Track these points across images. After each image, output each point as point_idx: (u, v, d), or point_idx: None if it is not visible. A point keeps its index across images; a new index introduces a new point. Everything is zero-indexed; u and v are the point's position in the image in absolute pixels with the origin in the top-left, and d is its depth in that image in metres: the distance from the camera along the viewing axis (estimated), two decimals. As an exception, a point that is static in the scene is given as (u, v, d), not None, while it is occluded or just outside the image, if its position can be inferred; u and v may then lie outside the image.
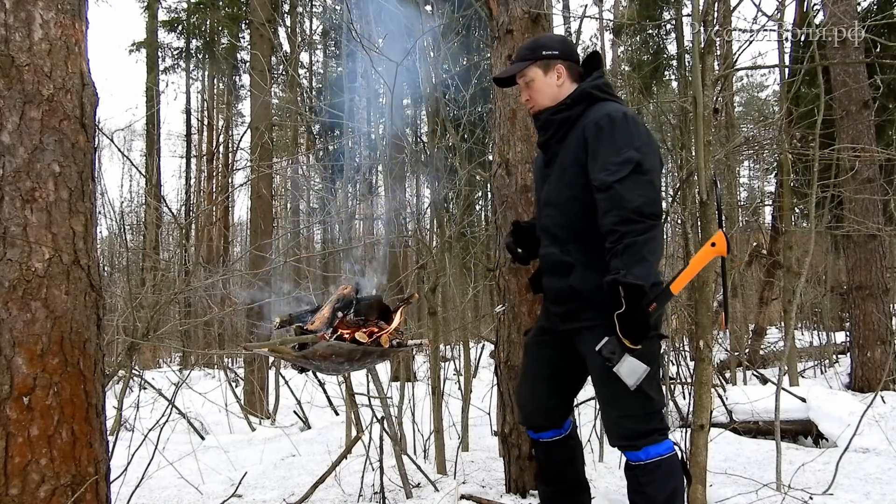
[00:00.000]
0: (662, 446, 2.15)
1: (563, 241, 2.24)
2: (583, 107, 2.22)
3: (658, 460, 2.14)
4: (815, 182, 3.90)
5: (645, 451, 2.14)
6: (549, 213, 2.30)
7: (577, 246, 2.22)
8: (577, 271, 2.19)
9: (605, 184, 2.04)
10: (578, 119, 2.21)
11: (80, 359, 2.03)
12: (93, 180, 2.16)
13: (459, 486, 3.35)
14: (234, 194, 18.47)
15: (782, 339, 8.95)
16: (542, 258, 2.36)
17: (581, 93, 2.23)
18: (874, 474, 3.54)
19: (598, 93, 2.22)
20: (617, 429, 2.19)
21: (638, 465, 2.15)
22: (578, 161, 2.16)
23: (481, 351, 9.78)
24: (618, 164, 2.04)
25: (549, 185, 2.30)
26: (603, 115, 2.13)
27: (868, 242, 6.53)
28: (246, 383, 7.73)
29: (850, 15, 6.46)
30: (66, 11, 2.08)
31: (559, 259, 2.25)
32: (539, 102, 2.31)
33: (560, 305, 2.28)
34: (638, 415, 2.14)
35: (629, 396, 2.10)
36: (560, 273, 2.24)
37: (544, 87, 2.29)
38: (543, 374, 2.43)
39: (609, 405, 2.21)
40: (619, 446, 2.22)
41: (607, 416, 2.23)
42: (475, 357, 9.12)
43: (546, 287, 2.36)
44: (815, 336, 9.81)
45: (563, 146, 2.25)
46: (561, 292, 2.26)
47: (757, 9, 3.53)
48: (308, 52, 17.24)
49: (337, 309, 2.36)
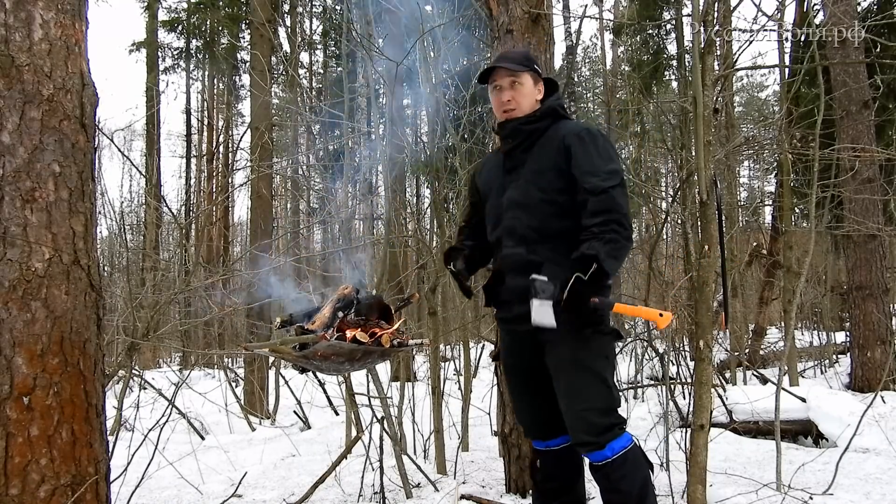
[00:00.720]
0: (624, 439, 2.23)
1: (531, 241, 2.31)
2: (549, 121, 2.39)
3: (623, 453, 2.20)
4: (815, 182, 3.89)
5: (609, 447, 2.19)
6: (515, 214, 2.35)
7: (545, 246, 2.29)
8: (545, 269, 2.23)
9: (598, 188, 2.17)
10: (545, 131, 2.38)
11: (80, 359, 2.03)
12: (93, 180, 2.16)
13: (459, 486, 3.35)
14: (234, 194, 18.48)
15: (782, 339, 8.95)
16: (506, 259, 2.38)
17: (548, 108, 2.43)
18: (874, 474, 3.54)
19: (561, 111, 2.44)
20: (581, 423, 2.22)
21: (605, 463, 2.20)
22: (557, 166, 2.29)
23: (481, 351, 9.77)
24: (608, 172, 2.19)
25: (515, 189, 2.37)
26: (582, 127, 2.33)
27: (868, 242, 6.53)
28: (246, 383, 7.73)
29: (850, 15, 6.46)
30: (66, 11, 2.09)
31: (526, 259, 2.30)
32: (520, 106, 2.41)
33: (526, 304, 2.28)
34: (601, 408, 2.22)
35: (594, 389, 2.20)
36: (527, 272, 2.26)
37: (528, 96, 2.42)
38: (531, 389, 2.45)
39: (574, 398, 2.24)
40: (584, 444, 2.24)
41: (571, 410, 2.25)
42: (475, 357, 9.12)
43: (511, 287, 2.36)
44: (815, 336, 9.81)
45: (531, 154, 2.37)
46: (529, 291, 2.27)
47: (757, 9, 3.54)
48: (308, 52, 17.24)
49: (337, 309, 2.35)
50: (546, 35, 3.36)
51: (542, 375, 2.38)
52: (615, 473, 2.19)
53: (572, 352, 2.22)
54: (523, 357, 2.43)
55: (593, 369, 2.22)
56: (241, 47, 15.61)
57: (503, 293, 2.42)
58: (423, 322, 8.39)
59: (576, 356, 2.23)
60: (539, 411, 2.46)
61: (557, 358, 2.26)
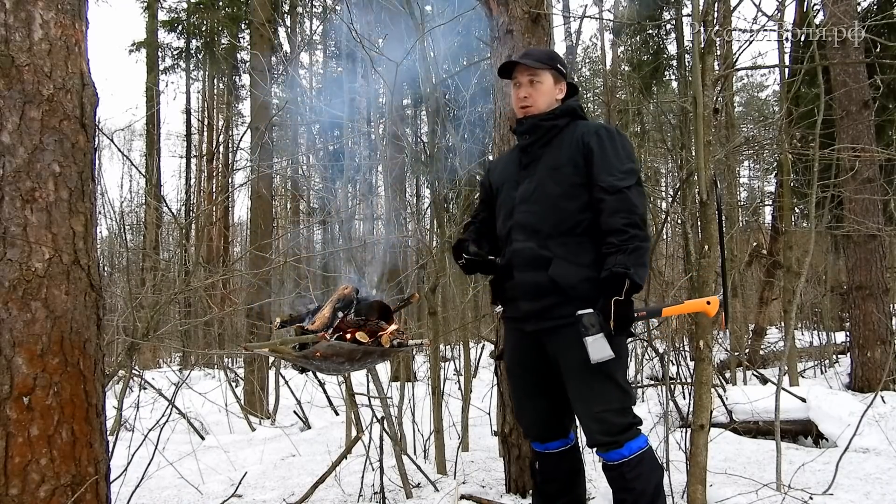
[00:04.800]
0: (641, 440, 2.23)
1: (543, 236, 2.30)
2: (567, 120, 2.41)
3: (640, 454, 2.20)
4: (815, 182, 3.89)
5: (627, 446, 2.19)
6: (529, 209, 2.35)
7: (557, 241, 2.28)
8: (556, 264, 2.24)
9: (615, 187, 2.18)
10: (563, 129, 2.40)
11: (80, 359, 2.03)
12: (93, 180, 2.16)
13: (459, 486, 3.35)
14: (234, 194, 18.47)
15: (782, 339, 8.95)
16: (515, 253, 2.36)
17: (567, 108, 2.45)
18: (874, 474, 3.54)
19: (579, 111, 2.47)
20: (598, 425, 2.21)
21: (622, 462, 2.19)
22: (574, 163, 2.29)
23: (481, 351, 9.77)
24: (624, 172, 2.21)
25: (530, 183, 2.38)
26: (600, 126, 2.36)
27: (868, 242, 6.52)
28: (246, 383, 7.73)
29: (850, 15, 6.46)
30: (66, 11, 2.09)
31: (536, 253, 2.29)
32: (536, 104, 2.41)
33: (536, 301, 2.28)
34: (617, 409, 2.22)
35: (609, 390, 2.20)
36: (537, 267, 2.27)
37: (547, 94, 2.42)
38: (535, 389, 2.44)
39: (589, 400, 2.23)
40: (601, 444, 2.23)
41: (587, 412, 2.24)
42: (475, 357, 9.12)
43: (520, 283, 2.34)
44: (815, 336, 9.80)
45: (548, 150, 2.38)
46: (538, 286, 2.27)
47: (757, 9, 3.54)
48: (308, 52, 17.24)
49: (337, 309, 2.35)
50: (546, 35, 3.36)
51: (547, 376, 2.38)
52: (631, 473, 2.18)
53: (585, 353, 2.19)
54: (529, 357, 2.41)
55: (607, 370, 2.20)
56: (241, 47, 15.62)
57: (509, 289, 2.40)
58: (423, 322, 8.39)
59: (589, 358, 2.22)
60: (541, 413, 2.45)
61: (571, 360, 2.24)
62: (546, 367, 2.36)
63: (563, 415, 2.45)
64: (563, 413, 2.44)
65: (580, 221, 2.26)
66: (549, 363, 2.35)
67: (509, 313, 2.46)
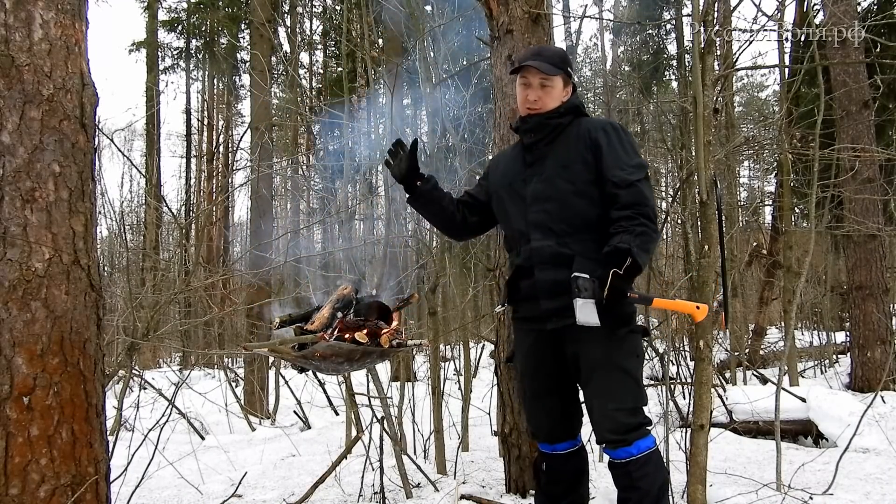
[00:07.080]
0: (650, 440, 2.24)
1: (561, 234, 2.30)
2: (571, 117, 2.43)
3: (648, 453, 2.21)
4: (815, 182, 3.90)
5: (636, 445, 2.20)
6: (544, 207, 2.34)
7: (575, 238, 2.28)
8: (578, 262, 2.23)
9: (626, 181, 2.20)
10: (567, 126, 2.41)
11: (80, 359, 2.03)
12: (93, 180, 2.16)
13: (459, 486, 3.35)
14: (234, 194, 18.46)
15: (782, 339, 8.95)
16: (535, 252, 2.35)
17: (572, 105, 2.45)
18: (874, 474, 3.54)
19: (582, 108, 2.50)
20: (609, 422, 2.22)
21: (630, 460, 2.20)
22: (583, 159, 2.30)
23: (481, 351, 9.77)
24: (633, 166, 2.24)
25: (540, 182, 2.36)
26: (605, 122, 2.41)
27: (868, 242, 6.53)
28: (246, 383, 7.73)
29: (850, 15, 6.46)
30: (66, 11, 2.09)
31: (557, 251, 2.29)
32: (546, 106, 2.41)
33: (556, 299, 2.27)
34: (630, 408, 2.22)
35: (627, 388, 2.21)
36: (558, 265, 2.26)
37: (556, 97, 2.42)
38: (549, 390, 2.42)
39: (605, 397, 2.23)
40: (610, 442, 2.23)
41: (601, 409, 2.25)
42: (475, 357, 9.12)
43: (540, 281, 2.33)
44: (815, 336, 9.80)
45: (554, 148, 2.39)
46: (559, 284, 2.25)
47: (757, 9, 3.54)
48: (308, 52, 17.23)
49: (337, 309, 2.35)
50: (546, 35, 3.36)
51: (560, 376, 2.38)
52: (637, 472, 2.19)
53: (606, 351, 2.21)
54: (544, 357, 2.39)
55: (625, 368, 2.22)
56: (241, 47, 15.62)
57: (525, 288, 2.38)
58: (423, 322, 8.39)
59: (609, 356, 2.22)
60: (553, 414, 2.44)
61: (590, 358, 2.25)
62: (560, 367, 2.36)
63: (573, 416, 2.46)
64: (573, 414, 2.45)
65: (594, 217, 2.28)
66: (563, 363, 2.35)
67: (525, 313, 2.43)
